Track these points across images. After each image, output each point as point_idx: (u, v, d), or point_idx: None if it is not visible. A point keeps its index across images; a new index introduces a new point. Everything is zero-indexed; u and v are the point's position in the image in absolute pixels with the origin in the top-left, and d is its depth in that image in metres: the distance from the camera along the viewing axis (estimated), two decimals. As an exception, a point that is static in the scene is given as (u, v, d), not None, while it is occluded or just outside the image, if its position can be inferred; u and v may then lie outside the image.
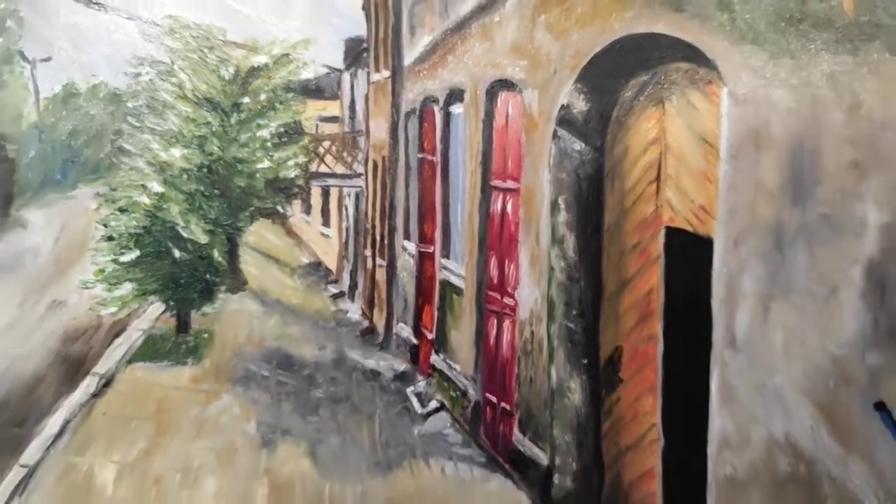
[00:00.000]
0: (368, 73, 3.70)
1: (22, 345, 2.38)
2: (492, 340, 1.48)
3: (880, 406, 1.20)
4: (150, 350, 2.55)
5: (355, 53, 4.19)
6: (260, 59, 2.75)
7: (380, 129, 3.32)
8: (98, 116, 2.53)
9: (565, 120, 1.31)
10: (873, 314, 1.15)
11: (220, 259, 2.00)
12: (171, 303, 2.68)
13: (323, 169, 3.82)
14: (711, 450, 1.29)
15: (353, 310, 3.85)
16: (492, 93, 1.30)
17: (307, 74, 3.16)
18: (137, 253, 2.02)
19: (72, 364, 2.38)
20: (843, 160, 1.14)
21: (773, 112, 1.18)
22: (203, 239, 1.95)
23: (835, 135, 1.14)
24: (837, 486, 1.16)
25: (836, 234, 1.16)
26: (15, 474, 1.76)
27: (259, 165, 2.44)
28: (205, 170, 2.32)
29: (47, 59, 2.92)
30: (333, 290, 4.45)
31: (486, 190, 1.31)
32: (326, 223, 4.73)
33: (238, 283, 2.90)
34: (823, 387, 1.18)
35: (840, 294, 1.17)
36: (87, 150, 2.67)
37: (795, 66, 1.20)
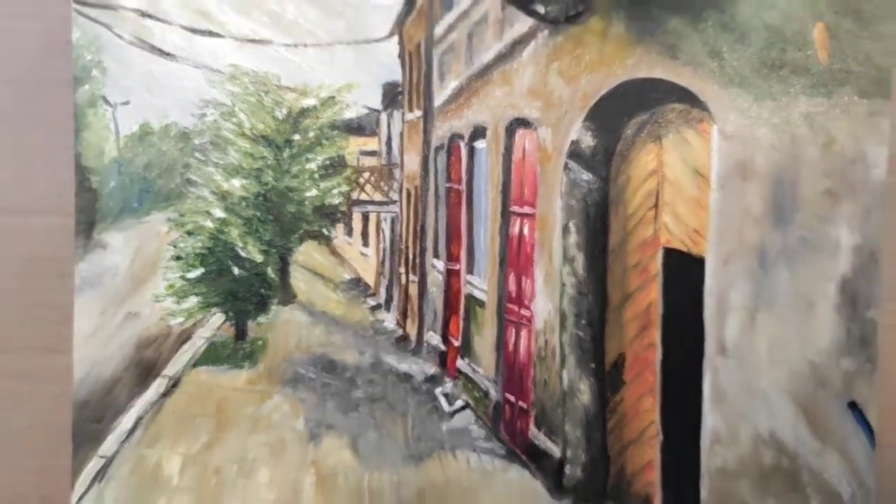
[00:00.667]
0: (403, 113, 3.70)
1: (102, 351, 2.36)
2: (510, 347, 1.46)
3: (853, 405, 1.19)
4: (212, 355, 2.50)
5: (392, 96, 4.21)
6: (309, 102, 2.73)
7: (413, 162, 3.27)
8: (169, 152, 2.49)
9: (575, 154, 1.29)
10: (846, 325, 1.19)
11: (273, 276, 1.97)
12: (231, 314, 2.67)
13: (363, 197, 3.85)
14: (704, 444, 1.30)
15: (389, 320, 3.82)
16: (511, 130, 1.28)
17: (350, 114, 3.12)
18: (202, 270, 2.00)
19: (144, 367, 2.35)
20: (818, 189, 1.18)
21: (757, 147, 1.21)
22: (259, 258, 1.93)
23: (811, 167, 1.18)
24: (815, 476, 1.19)
25: (814, 255, 1.20)
26: (95, 464, 1.74)
27: (308, 194, 2.41)
28: (261, 198, 2.30)
29: (126, 103, 2.90)
30: (371, 302, 4.47)
31: (506, 215, 1.29)
32: (366, 244, 4.80)
33: (288, 296, 2.84)
34: (803, 389, 1.21)
35: (817, 307, 1.21)
36: (159, 181, 2.65)
37: (777, 107, 1.21)
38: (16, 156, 1.16)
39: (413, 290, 1.34)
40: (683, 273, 1.26)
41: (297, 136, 1.24)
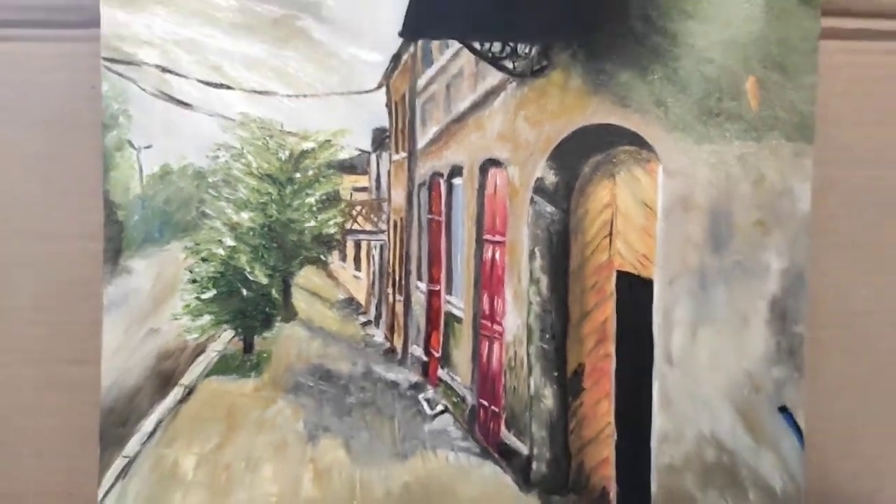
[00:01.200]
0: (390, 155, 3.73)
1: (126, 363, 2.35)
2: (484, 358, 1.46)
3: (783, 409, 1.19)
4: (223, 366, 2.48)
5: (380, 140, 4.24)
6: (308, 145, 2.73)
7: (399, 197, 3.28)
8: (186, 189, 2.48)
9: (539, 189, 1.28)
10: (776, 338, 1.20)
11: (277, 296, 1.96)
12: (239, 330, 2.64)
13: (356, 227, 3.85)
14: (654, 443, 1.29)
15: (378, 334, 3.80)
16: (484, 169, 1.28)
17: (344, 155, 3.12)
18: (215, 292, 1.98)
19: (163, 377, 2.33)
20: (750, 220, 1.19)
21: (696, 184, 1.21)
22: (264, 281, 1.92)
23: (744, 201, 1.19)
24: (752, 471, 1.19)
25: (747, 276, 1.21)
26: (119, 463, 1.72)
27: (307, 224, 2.39)
28: (266, 228, 2.28)
29: (149, 147, 2.89)
30: (363, 319, 4.46)
31: (480, 242, 1.29)
32: (358, 268, 4.79)
33: (290, 314, 2.82)
34: (739, 394, 1.21)
35: (751, 322, 1.21)
36: (177, 215, 2.63)
37: (714, 149, 1.21)
38: (52, 190, 1.19)
39: (399, 308, 1.33)
40: (634, 293, 1.25)
41: (297, 175, 1.22)
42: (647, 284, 1.23)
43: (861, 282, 1.32)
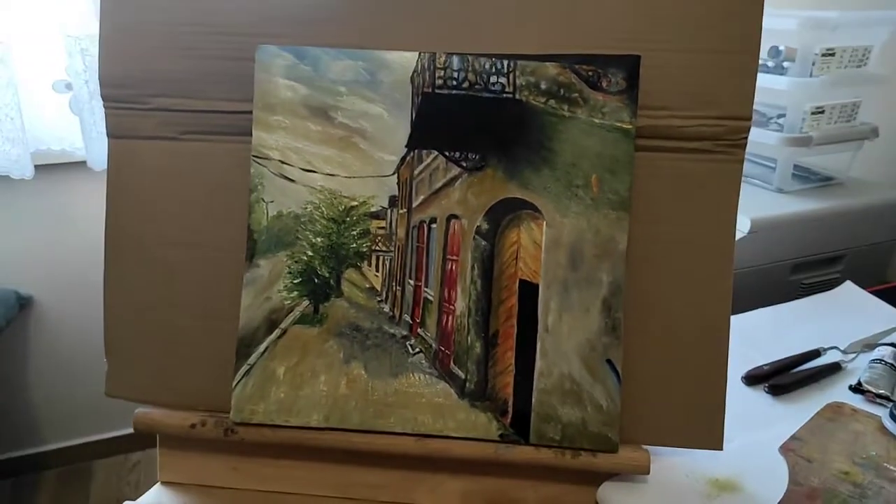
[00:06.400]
0: (398, 210, 3.26)
1: (252, 315, 2.25)
2: (444, 323, 1.59)
3: (609, 361, 1.52)
4: (302, 320, 2.27)
5: (393, 202, 3.45)
6: (354, 203, 2.57)
7: (401, 233, 2.54)
8: (289, 224, 2.52)
9: (478, 232, 1.55)
10: (605, 321, 1.51)
11: (333, 284, 1.84)
12: (311, 301, 2.32)
13: (377, 248, 3.35)
14: (535, 376, 1.53)
15: (386, 308, 3.24)
16: (448, 220, 1.19)
17: (373, 209, 2.95)
18: (300, 279, 1.77)
19: (270, 323, 2.14)
20: (592, 253, 1.50)
21: (563, 232, 1.49)
22: (327, 275, 1.80)
23: (588, 243, 1.49)
24: (589, 395, 1.50)
25: (590, 285, 1.51)
26: (244, 368, 1.60)
27: (351, 245, 2.13)
28: (329, 247, 2.08)
29: (272, 202, 2.96)
30: (378, 298, 3.72)
31: (445, 260, 1.26)
32: (377, 271, 4.05)
33: (339, 293, 2.71)
34: (584, 351, 1.51)
35: (591, 311, 1.52)
36: (284, 238, 2.70)
37: (574, 213, 1.51)
38: (224, 223, 1.50)
39: (398, 293, 1.57)
40: (528, 291, 1.53)
41: (347, 219, 1.50)
42: (535, 287, 1.47)
43: (660, 292, 1.56)
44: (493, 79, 1.42)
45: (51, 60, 2.98)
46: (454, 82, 1.41)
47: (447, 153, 1.46)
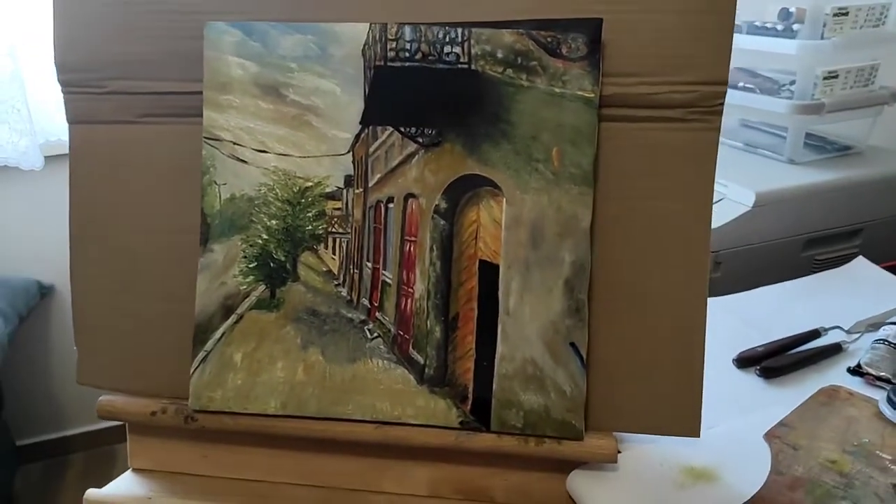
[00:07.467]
0: (354, 190, 3.24)
1: (208, 300, 2.28)
2: (403, 307, 1.57)
3: (573, 345, 1.43)
4: (258, 305, 2.22)
5: (349, 182, 3.11)
6: (309, 184, 2.48)
7: (357, 213, 2.52)
8: (243, 207, 2.42)
9: (437, 211, 1.50)
10: (568, 302, 1.43)
11: (289, 267, 1.74)
12: (268, 285, 2.19)
13: (333, 230, 3.28)
14: (496, 361, 1.45)
15: (344, 292, 3.20)
16: (406, 199, 1.22)
17: (328, 190, 2.86)
18: (256, 263, 1.55)
19: (226, 309, 2.09)
20: (553, 232, 1.42)
21: (524, 209, 1.42)
22: (283, 259, 1.74)
23: (550, 220, 1.40)
24: (553, 380, 1.42)
25: (552, 265, 1.44)
26: (202, 354, 1.59)
27: (307, 227, 1.96)
28: (284, 229, 1.98)
29: (224, 184, 2.90)
30: (335, 282, 3.64)
31: (403, 241, 1.22)
32: (334, 253, 3.80)
33: (296, 277, 2.65)
34: (547, 335, 1.43)
35: (554, 291, 1.44)
36: (238, 221, 2.60)
37: (534, 189, 1.43)
38: (177, 206, 1.49)
39: (356, 276, 1.52)
40: (488, 272, 1.47)
41: (302, 200, 1.47)
42: (496, 267, 1.41)
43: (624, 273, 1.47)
44: (447, 49, 1.33)
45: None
46: (407, 54, 1.34)
47: (402, 129, 1.39)
